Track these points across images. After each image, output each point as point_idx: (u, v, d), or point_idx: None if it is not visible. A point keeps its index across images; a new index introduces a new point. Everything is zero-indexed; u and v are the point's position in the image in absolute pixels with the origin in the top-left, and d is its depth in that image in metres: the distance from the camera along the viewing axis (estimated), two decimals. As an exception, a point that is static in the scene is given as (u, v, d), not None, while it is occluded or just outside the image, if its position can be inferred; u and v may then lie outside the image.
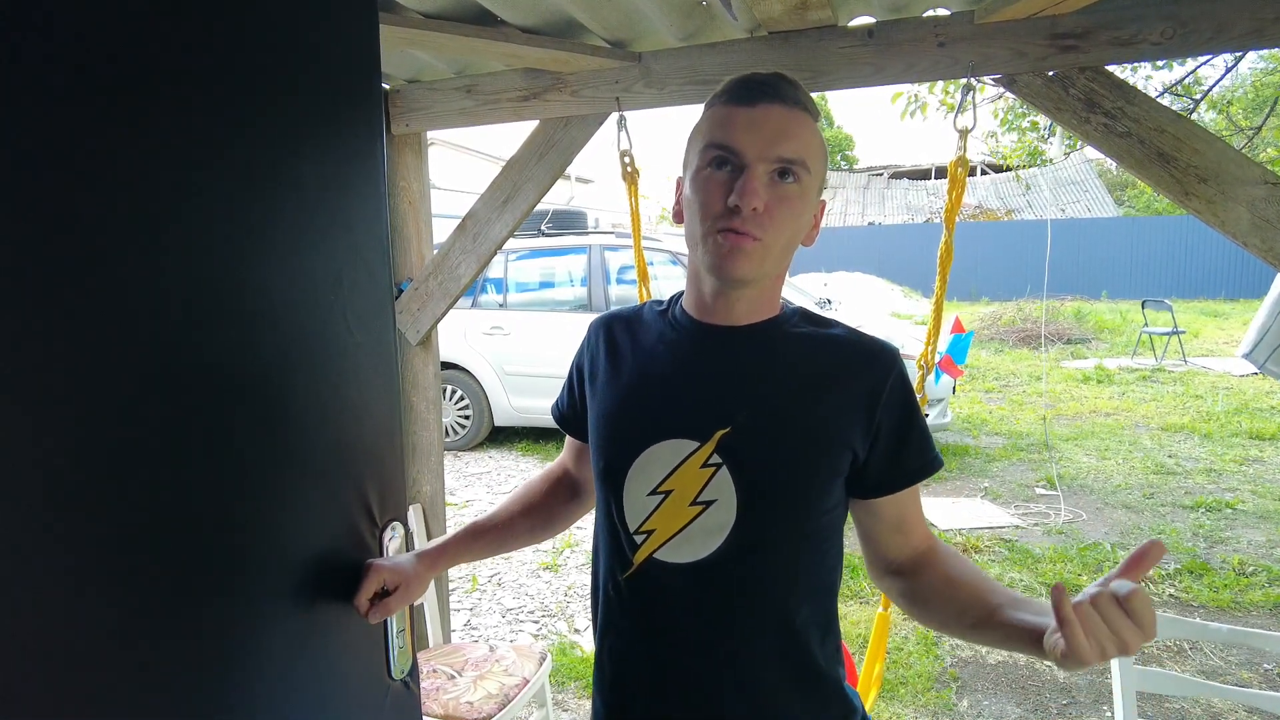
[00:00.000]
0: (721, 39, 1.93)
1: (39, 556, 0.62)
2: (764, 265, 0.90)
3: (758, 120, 0.87)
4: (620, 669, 1.01)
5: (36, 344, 0.61)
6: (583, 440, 1.17)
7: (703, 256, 0.92)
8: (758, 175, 0.86)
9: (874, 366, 0.94)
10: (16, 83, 0.59)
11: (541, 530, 1.22)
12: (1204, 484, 5.22)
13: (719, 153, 0.88)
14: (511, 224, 2.23)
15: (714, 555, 0.91)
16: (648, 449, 0.95)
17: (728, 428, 0.92)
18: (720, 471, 0.91)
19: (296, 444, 0.90)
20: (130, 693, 0.71)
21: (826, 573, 0.96)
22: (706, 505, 0.91)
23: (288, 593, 0.90)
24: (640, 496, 0.95)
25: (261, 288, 0.84)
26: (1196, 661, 3.05)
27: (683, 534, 0.92)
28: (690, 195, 0.92)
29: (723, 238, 0.88)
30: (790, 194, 0.88)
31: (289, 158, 0.88)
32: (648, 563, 0.94)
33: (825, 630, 0.96)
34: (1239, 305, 15.18)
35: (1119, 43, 1.62)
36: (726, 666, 0.92)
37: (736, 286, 0.93)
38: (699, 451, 0.92)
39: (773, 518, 0.91)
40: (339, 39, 0.96)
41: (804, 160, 0.88)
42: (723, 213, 0.87)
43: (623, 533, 0.96)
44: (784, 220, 0.88)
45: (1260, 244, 1.58)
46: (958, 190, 1.78)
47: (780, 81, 0.90)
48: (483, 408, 6.43)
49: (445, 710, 1.93)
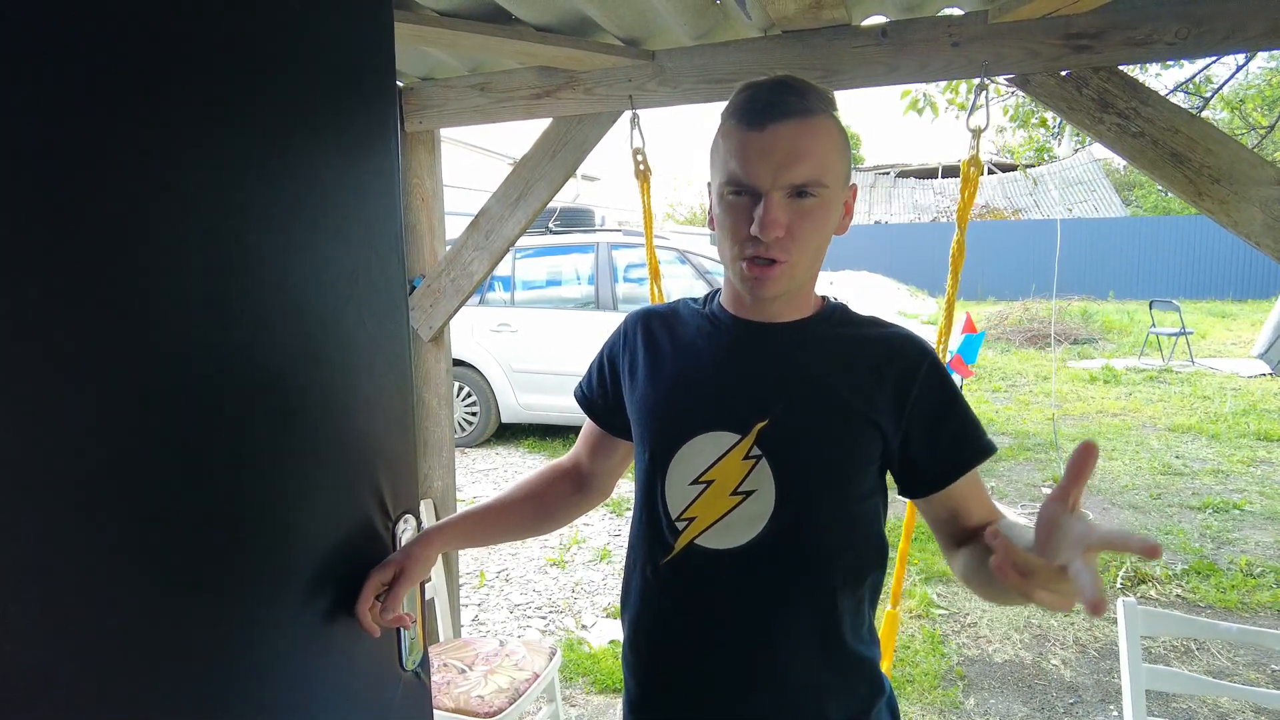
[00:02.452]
0: (735, 38, 1.94)
1: (60, 545, 0.63)
2: (794, 280, 0.95)
3: (768, 146, 0.89)
4: (658, 650, 1.04)
5: (54, 338, 0.62)
6: (605, 428, 1.19)
7: (734, 277, 0.97)
8: (775, 203, 0.89)
9: (904, 358, 0.97)
10: (38, 84, 0.60)
11: (541, 521, 1.23)
12: (1211, 485, 5.21)
13: (736, 187, 0.91)
14: (524, 221, 2.23)
15: (752, 542, 0.95)
16: (690, 440, 0.99)
17: (766, 421, 0.95)
18: (760, 463, 0.95)
19: (311, 437, 0.91)
20: (146, 682, 0.72)
21: (862, 557, 0.99)
22: (747, 495, 0.95)
23: (302, 583, 0.91)
24: (682, 485, 0.99)
25: (277, 283, 0.85)
26: (1204, 661, 3.04)
27: (723, 521, 0.96)
28: (718, 216, 0.96)
29: (748, 266, 0.92)
30: (811, 209, 0.91)
31: (304, 155, 0.89)
32: (689, 548, 0.98)
33: (859, 614, 0.99)
34: (1247, 306, 15.11)
35: (1133, 43, 1.62)
36: (762, 647, 0.96)
37: (769, 300, 0.97)
38: (740, 444, 0.96)
39: (808, 507, 0.95)
40: (353, 36, 0.97)
41: (819, 178, 0.90)
42: (747, 240, 0.91)
43: (664, 519, 1.00)
44: (808, 235, 0.92)
45: (1274, 244, 1.58)
46: (970, 190, 1.78)
47: (787, 95, 0.91)
48: (490, 405, 6.44)
49: (456, 704, 1.95)
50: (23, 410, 0.60)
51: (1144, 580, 3.76)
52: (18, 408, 0.59)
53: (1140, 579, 3.77)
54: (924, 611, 3.49)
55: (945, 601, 3.60)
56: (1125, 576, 3.78)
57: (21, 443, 0.60)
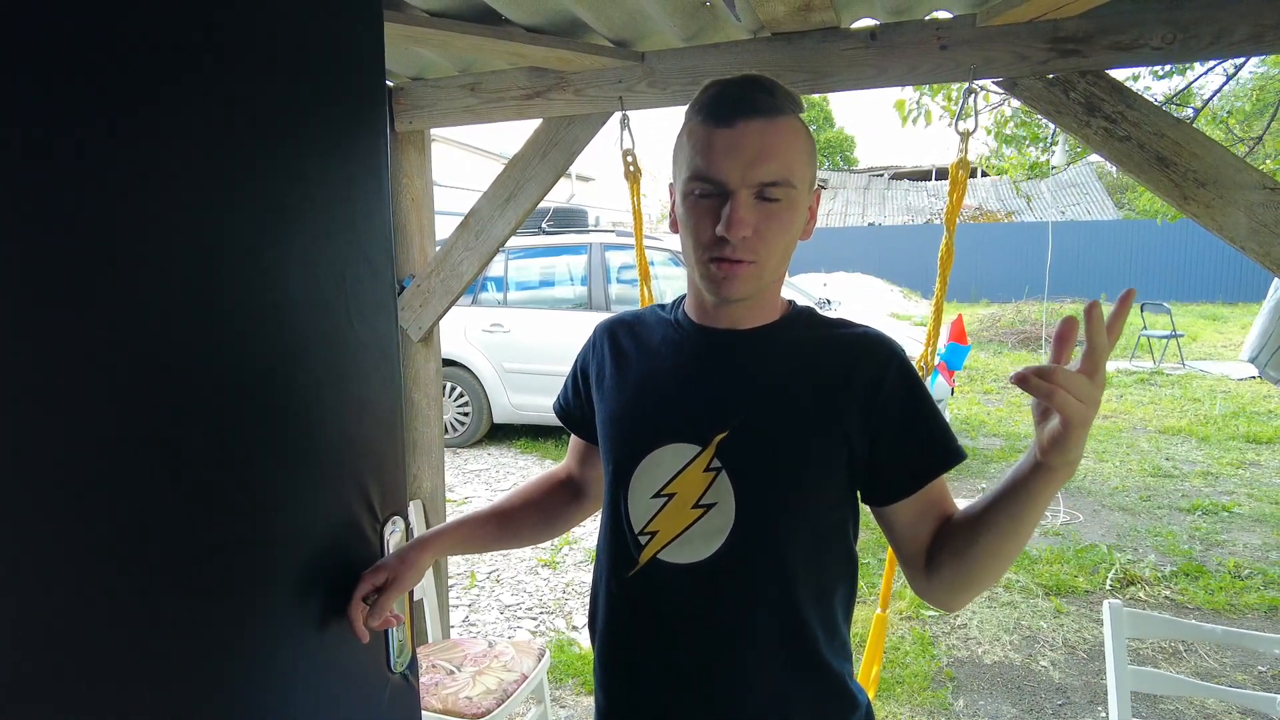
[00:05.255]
0: (724, 40, 1.94)
1: (44, 546, 0.63)
2: (760, 282, 0.92)
3: (736, 143, 0.87)
4: (624, 665, 1.02)
5: (39, 337, 0.62)
6: (585, 439, 1.19)
7: (700, 279, 0.94)
8: (742, 202, 0.87)
9: (871, 360, 0.94)
10: (24, 81, 0.60)
11: (540, 528, 1.22)
12: (1201, 487, 5.23)
13: (703, 184, 0.89)
14: (514, 222, 2.23)
15: (714, 556, 0.93)
16: (652, 453, 0.97)
17: (725, 432, 0.93)
18: (720, 475, 0.93)
19: (298, 437, 0.91)
20: (133, 683, 0.72)
21: (829, 571, 0.96)
22: (708, 508, 0.93)
23: (289, 585, 0.91)
24: (645, 499, 0.97)
25: (265, 283, 0.84)
26: (1191, 663, 3.06)
27: (684, 535, 0.94)
28: (682, 217, 0.94)
29: (715, 266, 0.90)
30: (778, 211, 0.89)
31: (293, 154, 0.89)
32: (651, 563, 0.96)
33: (831, 629, 0.96)
34: (1237, 309, 15.19)
35: (1120, 47, 1.63)
36: (727, 663, 0.93)
37: (734, 304, 0.95)
38: (700, 456, 0.94)
39: (769, 519, 0.92)
40: (344, 36, 0.97)
41: (787, 178, 0.88)
42: (712, 242, 0.89)
43: (628, 532, 0.98)
44: (775, 236, 0.89)
45: (1258, 248, 1.59)
46: (959, 192, 1.79)
47: (755, 92, 0.89)
48: (482, 405, 6.43)
49: (444, 705, 1.94)
50: (6, 409, 0.59)
51: (1133, 582, 3.78)
52: (1, 406, 0.59)
53: (1129, 580, 3.79)
54: (913, 613, 3.49)
55: (935, 603, 3.60)
56: (1114, 578, 3.80)
57: (5, 442, 0.59)
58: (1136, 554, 4.12)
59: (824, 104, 30.43)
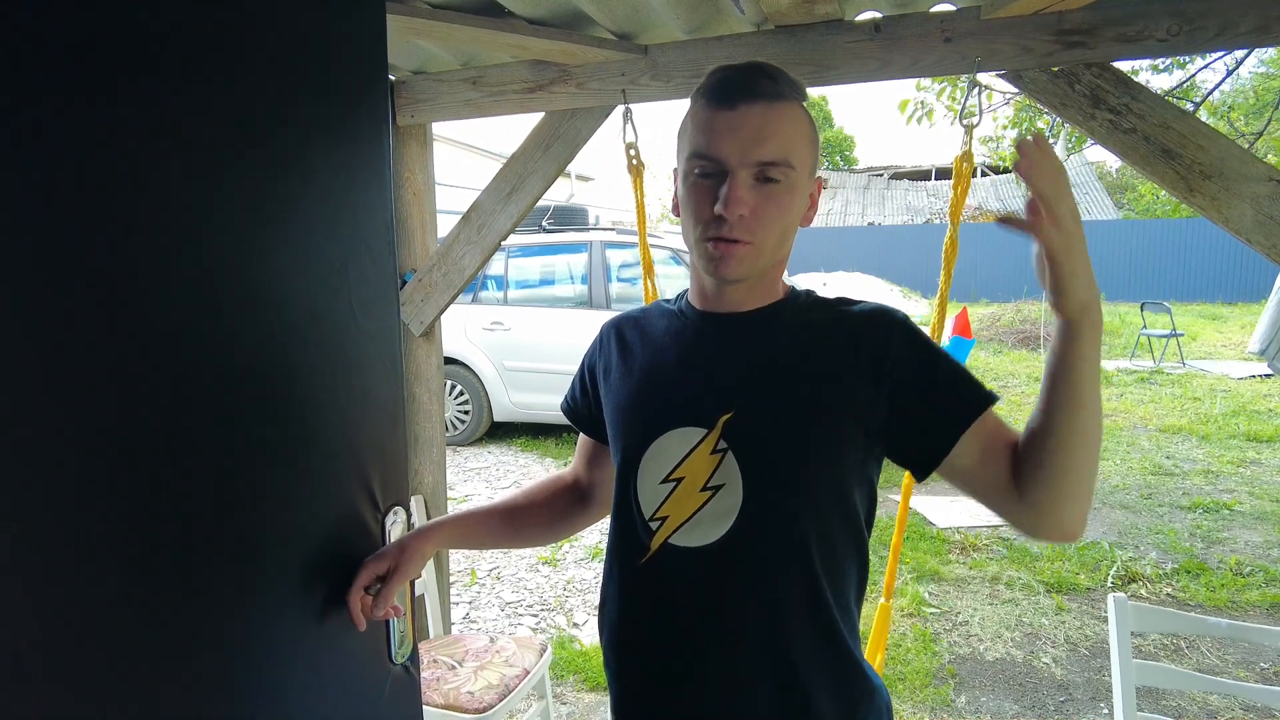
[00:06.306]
0: (728, 32, 1.94)
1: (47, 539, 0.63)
2: (758, 263, 0.93)
3: (737, 124, 0.88)
4: (639, 652, 1.01)
5: (41, 332, 0.62)
6: (593, 437, 1.19)
7: (698, 259, 0.95)
8: (741, 181, 0.88)
9: (874, 330, 0.94)
10: (30, 79, 0.60)
11: (544, 530, 1.21)
12: (1201, 485, 5.23)
13: (703, 163, 0.90)
14: (516, 216, 2.23)
15: (724, 538, 0.93)
16: (658, 438, 0.97)
17: (730, 413, 0.93)
18: (727, 456, 0.93)
19: (301, 428, 0.91)
20: (135, 675, 0.71)
21: (842, 551, 0.96)
22: (716, 490, 0.93)
23: (291, 576, 0.90)
24: (654, 485, 0.97)
25: (268, 275, 0.84)
26: (1194, 660, 3.06)
27: (694, 519, 0.94)
28: (682, 198, 0.95)
29: (713, 246, 0.91)
30: (776, 192, 0.90)
31: (295, 148, 0.88)
32: (663, 549, 0.96)
33: (844, 608, 0.96)
34: (1237, 308, 15.20)
35: (1125, 39, 1.63)
36: (744, 645, 0.93)
37: (734, 284, 0.95)
38: (707, 438, 0.94)
39: (777, 498, 0.92)
40: (346, 30, 0.96)
41: (786, 159, 0.89)
42: (711, 220, 0.90)
43: (639, 520, 0.98)
44: (773, 218, 0.90)
45: (1264, 240, 1.58)
46: (963, 185, 1.78)
47: (758, 77, 0.90)
48: (482, 403, 6.43)
49: (446, 699, 1.94)
50: (6, 404, 0.59)
51: (1135, 579, 3.78)
52: (2, 402, 0.59)
53: (1131, 578, 3.79)
54: (915, 610, 3.49)
55: (937, 600, 3.60)
56: (1116, 576, 3.79)
57: (5, 437, 0.59)
58: (1138, 551, 4.12)
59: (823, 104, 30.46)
